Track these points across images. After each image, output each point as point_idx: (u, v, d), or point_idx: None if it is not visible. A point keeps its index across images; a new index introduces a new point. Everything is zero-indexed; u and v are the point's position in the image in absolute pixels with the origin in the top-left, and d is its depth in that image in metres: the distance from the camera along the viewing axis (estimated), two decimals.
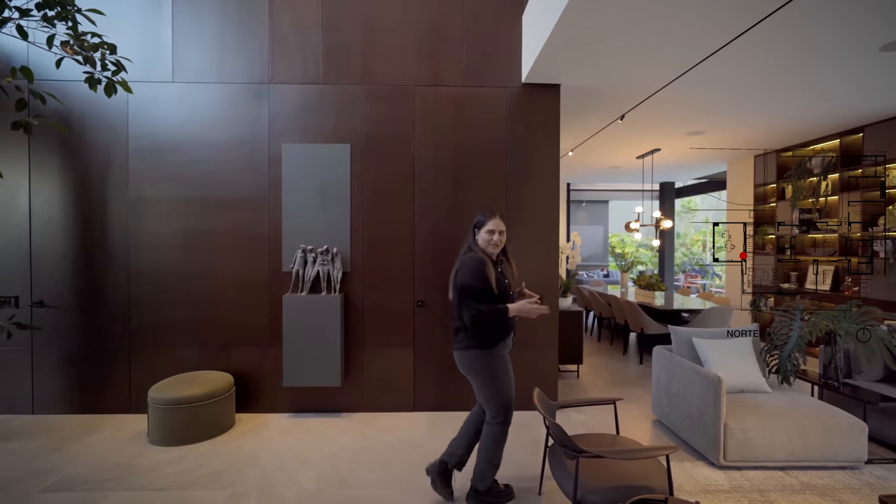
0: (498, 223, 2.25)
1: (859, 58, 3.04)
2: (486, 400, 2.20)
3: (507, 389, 2.19)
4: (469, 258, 2.20)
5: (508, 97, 3.50)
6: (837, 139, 5.01)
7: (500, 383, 2.18)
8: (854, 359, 3.34)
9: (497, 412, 2.19)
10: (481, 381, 2.19)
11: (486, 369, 2.17)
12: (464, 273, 2.15)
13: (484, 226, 2.24)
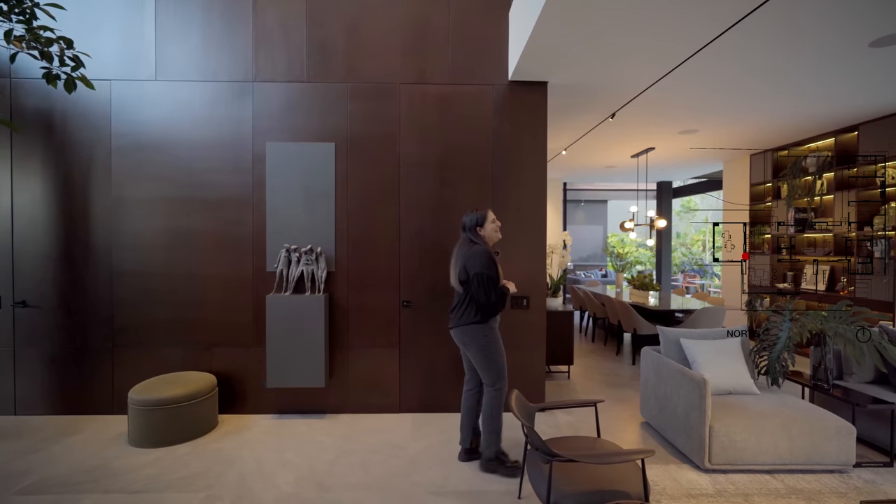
0: (492, 213, 2.68)
1: (852, 54, 2.99)
2: (486, 367, 2.57)
3: (502, 357, 2.59)
4: (479, 250, 2.54)
5: (495, 95, 3.46)
6: (832, 137, 4.95)
7: (496, 353, 2.57)
8: (845, 360, 3.29)
9: (494, 378, 2.57)
10: (482, 352, 2.55)
11: (485, 339, 2.54)
12: (480, 263, 2.50)
13: (487, 218, 2.63)
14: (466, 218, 2.66)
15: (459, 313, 2.61)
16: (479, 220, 2.63)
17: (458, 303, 2.64)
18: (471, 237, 2.63)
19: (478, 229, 2.62)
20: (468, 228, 2.64)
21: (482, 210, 2.67)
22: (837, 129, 4.84)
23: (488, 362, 2.56)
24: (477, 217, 2.64)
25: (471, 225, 2.64)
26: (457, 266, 2.60)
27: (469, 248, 2.58)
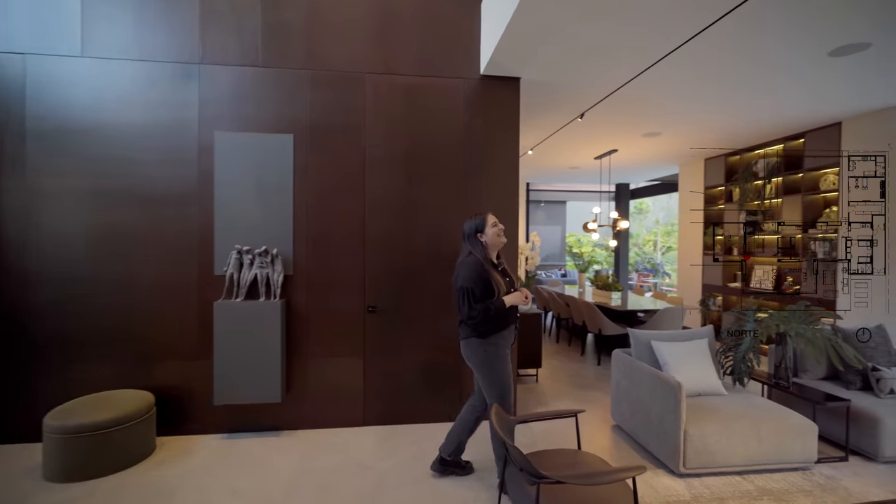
0: (493, 216, 2.45)
1: (809, 63, 3.08)
2: (487, 385, 2.37)
3: (503, 377, 2.35)
4: (468, 262, 2.35)
5: (466, 89, 3.31)
6: (781, 144, 5.20)
7: (495, 371, 2.34)
8: (800, 358, 3.41)
9: (496, 398, 2.34)
10: (481, 369, 2.37)
11: (484, 355, 2.34)
12: (462, 277, 2.33)
13: (486, 223, 2.41)
14: (466, 225, 2.45)
15: (462, 327, 2.43)
16: (479, 225, 2.40)
17: (460, 318, 2.45)
18: (469, 246, 2.41)
19: (478, 236, 2.40)
20: (467, 236, 2.43)
21: (481, 214, 2.44)
22: (786, 136, 5.08)
23: (487, 380, 2.35)
24: (476, 223, 2.41)
25: (470, 232, 2.42)
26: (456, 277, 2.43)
27: (463, 259, 2.40)
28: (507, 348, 2.40)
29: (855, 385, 3.10)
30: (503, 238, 2.45)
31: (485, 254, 2.37)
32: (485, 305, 2.27)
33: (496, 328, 2.34)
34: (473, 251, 2.37)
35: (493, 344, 2.35)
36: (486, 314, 2.26)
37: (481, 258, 2.34)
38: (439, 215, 3.29)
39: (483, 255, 2.36)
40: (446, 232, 3.30)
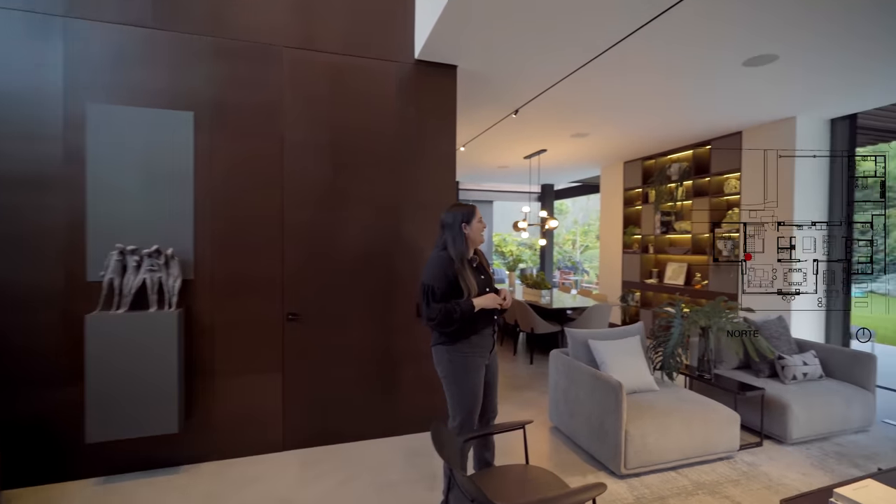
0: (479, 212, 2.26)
1: (724, 72, 3.25)
2: (448, 397, 2.17)
3: (467, 391, 2.12)
4: (435, 259, 2.15)
5: (399, 73, 3.03)
6: (691, 150, 5.60)
7: (458, 383, 2.12)
8: (716, 350, 3.61)
9: (453, 413, 2.15)
10: (445, 379, 2.16)
11: (450, 365, 2.13)
12: (426, 273, 2.13)
13: (474, 216, 2.19)
14: (448, 214, 2.19)
15: (433, 332, 2.20)
16: (467, 216, 2.16)
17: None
18: (449, 238, 2.15)
19: (463, 226, 2.16)
20: (448, 226, 2.16)
21: (467, 205, 2.20)
22: (695, 143, 5.48)
23: (450, 392, 2.15)
24: (464, 213, 2.17)
25: (454, 222, 2.15)
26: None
27: (436, 253, 2.17)
28: (478, 357, 2.15)
29: (764, 373, 3.34)
30: (483, 237, 2.26)
31: (463, 249, 2.16)
32: (447, 306, 2.04)
33: (464, 333, 2.11)
34: (450, 246, 2.14)
35: (461, 353, 2.12)
36: (448, 316, 2.03)
37: (455, 255, 2.12)
38: (372, 209, 2.99)
39: (460, 250, 2.14)
40: (380, 227, 3.00)
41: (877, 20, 2.49)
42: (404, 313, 3.06)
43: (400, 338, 3.06)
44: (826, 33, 2.63)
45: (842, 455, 2.84)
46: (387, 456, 2.78)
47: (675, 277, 5.93)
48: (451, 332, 2.10)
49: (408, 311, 3.07)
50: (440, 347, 2.15)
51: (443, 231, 2.19)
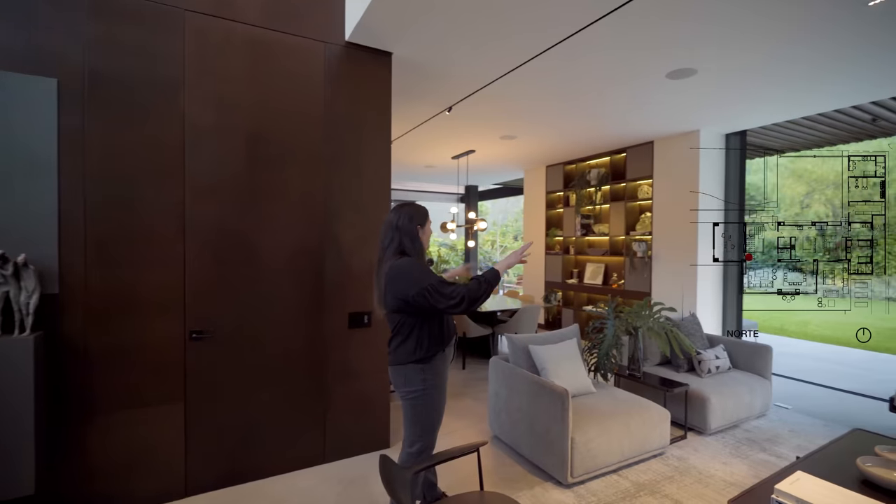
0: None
1: (648, 83, 3.39)
2: (412, 420, 1.97)
3: (435, 411, 1.98)
4: (406, 263, 1.89)
5: (328, 56, 2.70)
6: (608, 157, 5.91)
7: (430, 404, 1.96)
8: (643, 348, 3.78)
9: (418, 436, 1.97)
10: (413, 400, 1.95)
11: (422, 385, 1.94)
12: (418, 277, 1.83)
13: (427, 218, 2.03)
14: (400, 216, 1.96)
15: (394, 346, 1.97)
16: (422, 218, 1.98)
17: (392, 334, 2.00)
18: (407, 242, 1.93)
19: (418, 229, 1.96)
20: (405, 229, 1.93)
21: (421, 206, 2.00)
22: (612, 150, 5.79)
23: (417, 414, 1.95)
24: (420, 215, 1.98)
25: (410, 222, 1.94)
26: (379, 285, 1.95)
27: (394, 264, 1.89)
28: (447, 371, 2.05)
29: (683, 368, 3.56)
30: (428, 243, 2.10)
31: (423, 253, 2.00)
32: (467, 285, 1.81)
33: (440, 346, 1.97)
34: (410, 250, 1.93)
35: (435, 370, 1.95)
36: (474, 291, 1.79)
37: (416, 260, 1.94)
38: (298, 207, 2.62)
39: (421, 254, 1.98)
40: (307, 228, 2.64)
41: (778, 51, 2.72)
42: (336, 325, 2.74)
43: (331, 353, 2.73)
44: (735, 54, 2.83)
45: (751, 441, 3.10)
46: (317, 490, 2.44)
47: (594, 277, 6.23)
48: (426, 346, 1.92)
49: (340, 323, 2.75)
50: (413, 367, 1.93)
51: (394, 233, 1.94)
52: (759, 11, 2.34)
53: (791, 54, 2.84)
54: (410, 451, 1.98)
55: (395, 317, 1.95)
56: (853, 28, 2.49)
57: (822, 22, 2.44)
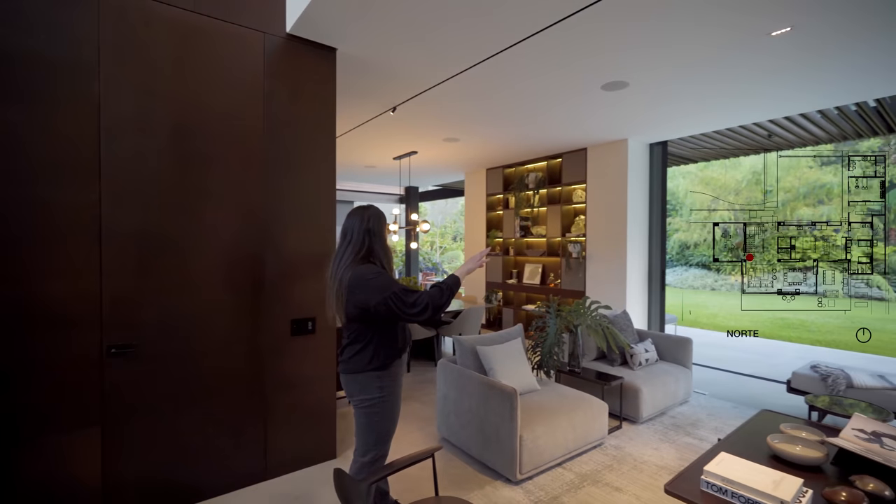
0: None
1: (583, 94, 3.58)
2: (366, 428, 1.92)
3: (391, 419, 1.95)
4: (368, 270, 1.83)
5: (268, 48, 2.54)
6: (545, 161, 6.17)
7: (384, 412, 1.92)
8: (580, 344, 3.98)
9: (372, 445, 1.92)
10: (369, 409, 1.90)
11: (378, 394, 1.90)
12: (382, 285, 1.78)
13: (386, 224, 1.98)
14: (367, 219, 1.90)
15: (349, 355, 1.90)
16: (385, 221, 1.95)
17: (347, 342, 1.92)
18: (376, 248, 1.89)
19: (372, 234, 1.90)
20: (359, 232, 1.87)
21: (380, 211, 1.95)
22: (549, 156, 6.05)
23: (371, 423, 1.90)
24: (379, 217, 1.93)
25: (365, 228, 1.88)
26: (341, 295, 1.83)
27: (354, 272, 1.82)
28: (402, 377, 2.03)
29: (617, 362, 3.80)
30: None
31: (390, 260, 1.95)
32: (428, 291, 1.79)
33: (398, 353, 1.94)
34: (382, 256, 1.90)
35: (391, 377, 1.92)
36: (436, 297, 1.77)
37: (388, 267, 1.92)
38: (236, 209, 2.43)
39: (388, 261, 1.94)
40: (246, 232, 2.46)
41: (694, 72, 3.00)
42: (278, 333, 2.58)
43: (273, 362, 2.57)
44: (660, 72, 3.08)
45: (677, 427, 3.38)
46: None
47: (532, 277, 6.47)
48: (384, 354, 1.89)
49: (282, 330, 2.60)
50: (370, 374, 1.87)
51: (366, 237, 1.88)
52: (681, 34, 2.56)
53: (706, 76, 3.14)
54: (364, 460, 1.92)
55: (354, 325, 1.88)
56: (757, 54, 2.81)
57: (730, 48, 2.73)
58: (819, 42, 2.63)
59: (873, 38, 2.57)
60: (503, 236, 6.90)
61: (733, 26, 2.47)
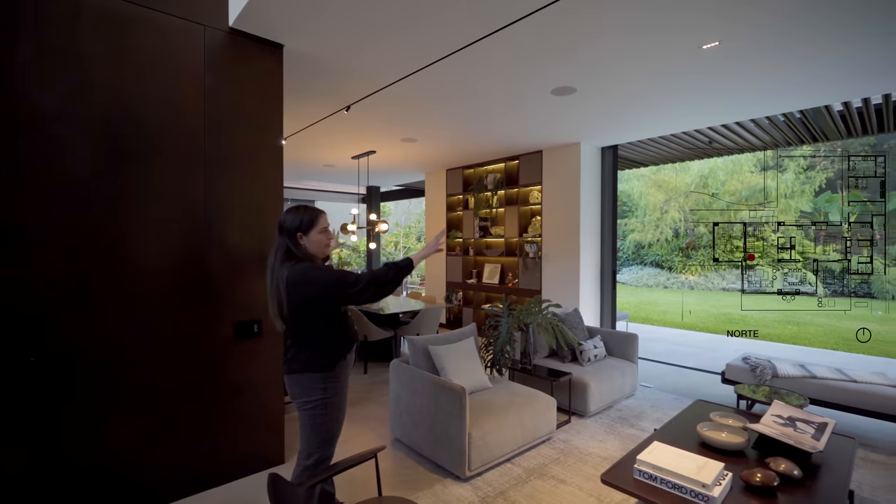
0: (327, 219, 1.96)
1: (534, 97, 3.68)
2: (311, 431, 1.90)
3: (335, 420, 1.93)
4: (305, 267, 1.81)
5: (209, 41, 2.46)
6: (503, 163, 6.28)
7: (327, 413, 1.89)
8: (533, 342, 4.08)
9: (316, 447, 1.90)
10: (312, 410, 1.88)
11: (321, 395, 1.87)
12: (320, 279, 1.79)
13: (314, 225, 1.89)
14: (286, 217, 1.88)
15: (291, 355, 1.89)
16: (305, 223, 1.86)
17: (290, 343, 1.92)
18: (289, 245, 1.85)
19: (298, 236, 1.86)
20: (286, 231, 1.86)
21: (309, 210, 1.89)
22: (506, 157, 6.16)
23: (315, 425, 1.88)
24: (301, 219, 1.86)
25: (290, 227, 1.86)
26: (275, 293, 1.82)
27: (291, 270, 1.80)
28: (348, 379, 2.01)
29: (567, 358, 3.92)
30: (328, 250, 1.98)
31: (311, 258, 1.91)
32: (372, 273, 1.78)
33: (342, 352, 1.93)
34: (298, 255, 1.85)
35: (335, 377, 1.90)
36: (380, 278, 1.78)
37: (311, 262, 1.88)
38: (176, 209, 2.34)
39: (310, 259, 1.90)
40: (187, 231, 2.37)
41: (645, 77, 3.15)
42: (222, 337, 2.50)
43: (216, 367, 2.49)
44: (607, 79, 3.21)
45: (623, 419, 3.53)
46: None
47: (491, 277, 6.57)
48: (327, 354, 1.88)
49: (226, 334, 2.52)
50: (312, 375, 1.86)
51: (280, 236, 1.88)
52: (620, 46, 2.68)
53: (646, 85, 3.30)
54: (307, 463, 1.89)
55: (296, 325, 1.87)
56: (691, 66, 2.98)
57: (666, 60, 2.88)
58: (746, 56, 2.82)
59: (797, 53, 2.78)
60: (463, 236, 6.96)
61: (667, 41, 2.61)
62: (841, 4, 2.24)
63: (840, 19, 2.38)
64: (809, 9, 2.28)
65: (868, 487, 2.56)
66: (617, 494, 2.42)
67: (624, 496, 2.39)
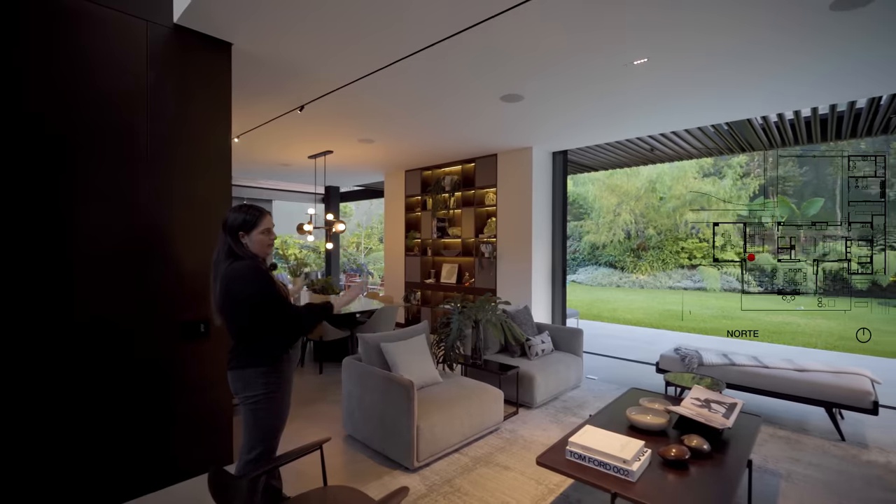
0: (271, 220, 1.98)
1: (485, 104, 3.83)
2: (252, 425, 1.92)
3: (277, 415, 1.95)
4: (243, 267, 1.84)
5: (152, 38, 2.42)
6: (460, 165, 6.42)
7: (271, 411, 1.92)
8: (484, 339, 4.23)
9: (258, 441, 1.92)
10: (254, 406, 1.89)
11: (264, 389, 1.89)
12: (250, 284, 1.83)
13: (257, 225, 1.91)
14: (229, 215, 1.91)
15: (233, 350, 1.93)
16: (247, 223, 1.88)
17: (233, 339, 1.94)
18: (232, 245, 1.88)
19: (241, 235, 1.88)
20: (228, 230, 1.89)
21: (252, 209, 1.91)
22: (463, 160, 6.31)
23: (257, 419, 1.90)
24: (244, 219, 1.88)
25: (233, 225, 1.88)
26: (215, 289, 1.88)
27: (229, 267, 1.84)
28: (291, 374, 2.02)
29: (517, 353, 4.10)
30: (269, 251, 1.99)
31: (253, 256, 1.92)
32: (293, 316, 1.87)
33: (284, 349, 1.95)
34: (240, 254, 1.87)
35: (277, 373, 1.92)
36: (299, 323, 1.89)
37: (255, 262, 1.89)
38: (116, 208, 2.29)
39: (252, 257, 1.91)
40: (129, 231, 2.33)
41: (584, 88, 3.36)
42: (166, 338, 2.47)
43: (160, 370, 2.45)
44: (550, 88, 3.41)
45: (566, 409, 3.73)
46: None
47: (449, 277, 6.69)
48: (273, 349, 1.90)
49: (170, 335, 2.49)
50: (253, 371, 1.87)
51: (223, 234, 1.90)
52: (559, 59, 2.86)
53: (587, 95, 3.53)
54: (249, 457, 1.92)
55: (237, 321, 1.88)
56: (624, 80, 3.22)
57: (600, 73, 3.11)
58: (672, 72, 3.08)
59: (718, 72, 3.07)
60: (421, 237, 7.05)
61: (600, 54, 2.82)
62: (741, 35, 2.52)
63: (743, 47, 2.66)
64: (716, 32, 2.54)
65: (772, 459, 2.87)
66: (555, 476, 2.58)
67: (561, 478, 2.56)
